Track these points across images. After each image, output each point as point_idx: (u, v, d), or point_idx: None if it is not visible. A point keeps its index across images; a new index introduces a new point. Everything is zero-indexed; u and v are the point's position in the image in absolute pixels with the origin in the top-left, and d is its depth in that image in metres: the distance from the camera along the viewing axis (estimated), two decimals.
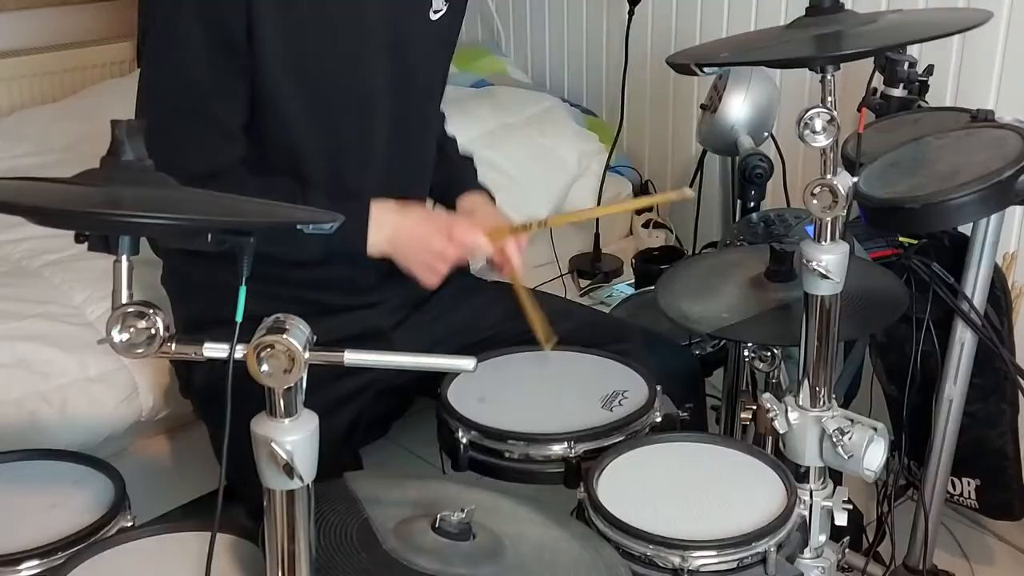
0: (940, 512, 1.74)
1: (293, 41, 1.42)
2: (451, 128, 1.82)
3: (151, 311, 0.82)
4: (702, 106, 2.17)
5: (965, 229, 1.60)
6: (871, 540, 1.82)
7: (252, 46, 1.39)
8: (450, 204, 1.67)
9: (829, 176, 1.20)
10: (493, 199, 1.71)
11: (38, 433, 1.67)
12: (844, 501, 1.34)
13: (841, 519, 1.34)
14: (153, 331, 0.82)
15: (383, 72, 1.51)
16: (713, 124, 2.06)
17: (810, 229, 1.24)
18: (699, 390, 1.69)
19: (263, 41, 1.39)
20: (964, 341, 1.61)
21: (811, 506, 1.33)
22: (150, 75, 1.44)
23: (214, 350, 0.84)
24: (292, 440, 0.83)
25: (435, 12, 1.54)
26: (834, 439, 1.27)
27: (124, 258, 0.81)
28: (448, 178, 1.71)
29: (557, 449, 1.31)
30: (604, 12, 2.88)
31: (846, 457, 1.27)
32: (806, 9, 1.26)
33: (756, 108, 2.04)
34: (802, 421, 1.31)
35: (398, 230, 1.47)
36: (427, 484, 1.20)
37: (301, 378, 0.83)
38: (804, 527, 1.27)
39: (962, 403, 1.66)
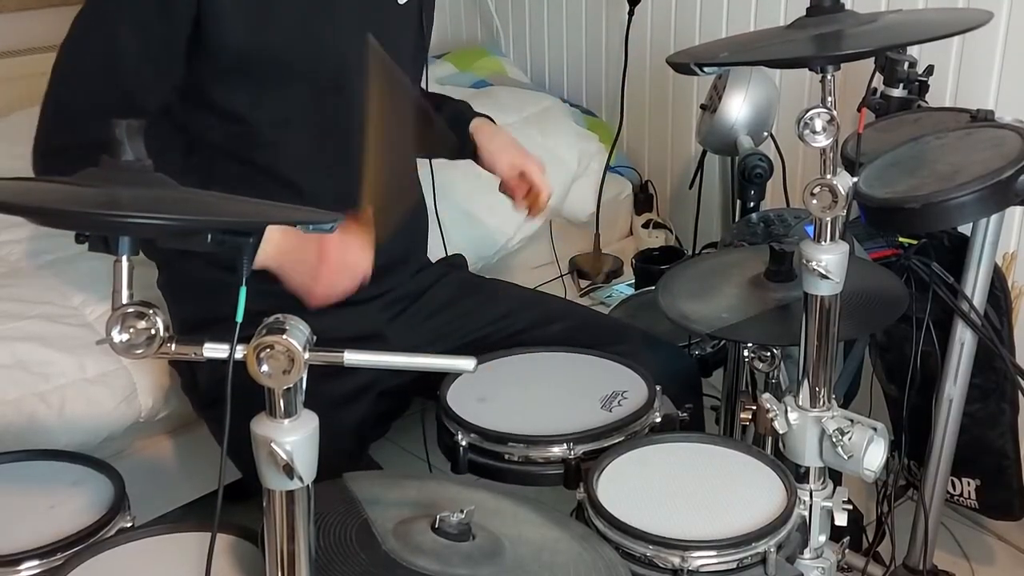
0: (940, 512, 1.74)
1: (258, 20, 1.41)
2: None
3: (151, 311, 0.82)
4: (702, 106, 2.17)
5: (965, 229, 1.60)
6: (871, 540, 1.82)
7: (207, 22, 1.38)
8: (460, 135, 1.68)
9: (829, 176, 1.20)
10: (494, 121, 1.74)
11: (37, 434, 1.67)
12: (844, 501, 1.34)
13: (841, 519, 1.34)
14: (153, 331, 0.82)
15: (355, 54, 1.51)
16: (713, 124, 2.06)
17: (810, 229, 1.24)
18: (696, 392, 1.69)
19: (222, 24, 1.38)
20: (964, 341, 1.61)
21: (811, 506, 1.33)
22: (76, 40, 1.41)
23: (214, 350, 0.84)
24: (292, 440, 0.83)
25: None
26: (834, 439, 1.27)
27: (124, 258, 0.81)
28: (448, 119, 1.72)
29: (557, 451, 1.31)
30: (604, 12, 2.87)
31: (846, 457, 1.27)
32: (806, 9, 1.26)
33: (756, 108, 2.04)
34: (802, 421, 1.31)
35: (282, 244, 1.38)
36: (426, 484, 1.21)
37: (301, 378, 0.83)
38: (804, 527, 1.27)
39: (962, 403, 1.66)
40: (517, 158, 1.66)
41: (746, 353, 1.53)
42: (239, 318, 0.83)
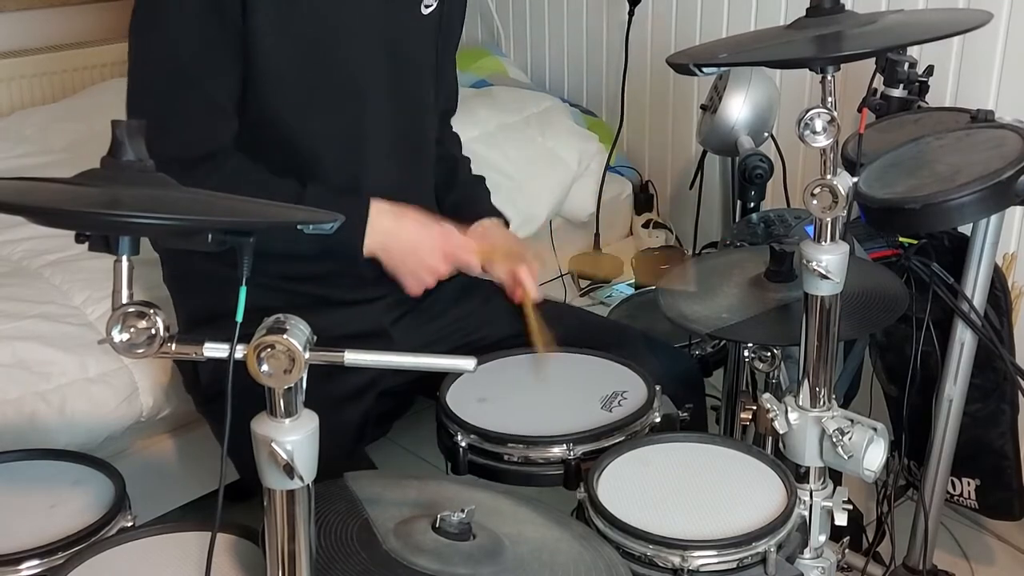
0: (940, 512, 1.74)
1: (288, 26, 1.42)
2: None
3: (151, 311, 0.83)
4: (702, 106, 2.17)
5: (965, 229, 1.60)
6: (871, 540, 1.82)
7: (246, 24, 1.39)
8: (464, 224, 1.64)
9: (829, 176, 1.20)
10: (507, 223, 1.70)
11: (38, 433, 1.67)
12: (844, 501, 1.34)
13: (841, 519, 1.34)
14: (153, 331, 0.83)
15: (378, 62, 1.51)
16: (713, 124, 2.06)
17: (810, 229, 1.24)
18: (699, 392, 1.69)
19: (257, 20, 1.39)
20: (964, 341, 1.61)
21: (811, 506, 1.33)
22: (138, 50, 1.43)
23: (214, 350, 0.84)
24: (292, 440, 0.83)
25: (426, 7, 1.56)
26: (834, 439, 1.27)
27: (124, 258, 0.82)
28: (462, 200, 1.71)
29: (556, 451, 1.31)
30: (604, 12, 2.88)
31: (846, 457, 1.27)
32: (806, 9, 1.26)
33: (756, 108, 2.04)
34: (802, 421, 1.31)
35: (392, 236, 1.46)
36: (427, 484, 1.20)
37: (301, 378, 0.83)
38: (804, 527, 1.27)
39: (962, 403, 1.66)
40: (513, 262, 1.60)
41: (746, 353, 1.53)
42: (239, 317, 0.83)
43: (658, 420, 1.39)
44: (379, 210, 1.46)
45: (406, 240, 1.47)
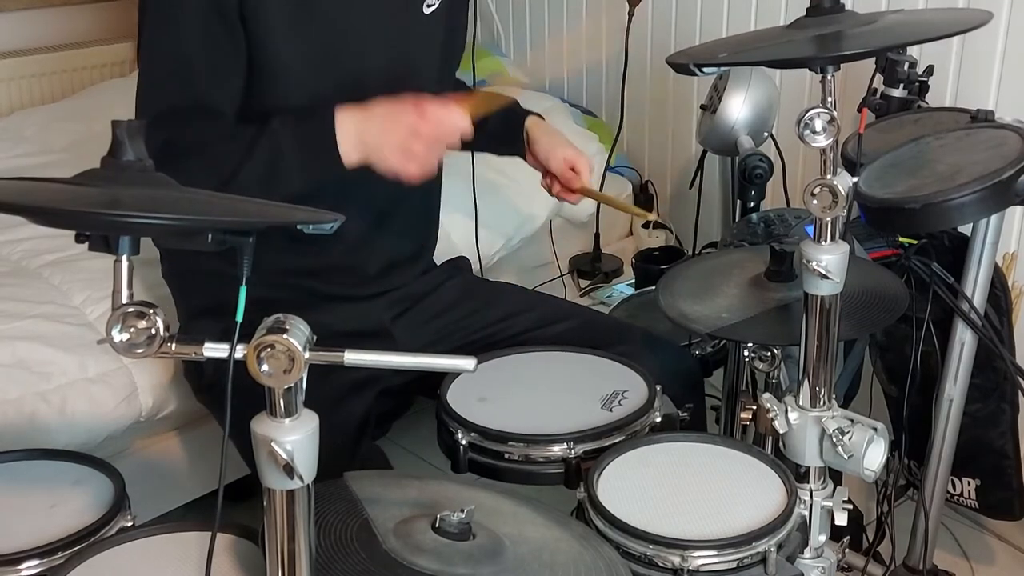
0: (940, 512, 1.74)
1: (298, 30, 1.42)
2: None
3: (151, 311, 0.83)
4: (702, 106, 2.17)
5: (965, 229, 1.60)
6: (871, 540, 1.82)
7: (255, 27, 1.39)
8: (514, 132, 1.72)
9: (829, 176, 1.20)
10: (543, 118, 1.77)
11: (38, 433, 1.67)
12: (844, 501, 1.34)
13: (841, 519, 1.34)
14: (153, 331, 0.83)
15: (379, 64, 1.51)
16: (713, 124, 2.06)
17: (810, 229, 1.24)
18: (699, 391, 1.70)
19: (267, 24, 1.39)
20: (964, 341, 1.61)
21: (811, 506, 1.33)
22: (143, 48, 1.44)
23: (214, 350, 0.84)
24: (292, 440, 0.83)
25: (428, 6, 1.55)
26: (834, 439, 1.27)
27: (124, 258, 0.82)
28: (502, 114, 1.73)
29: (557, 450, 1.31)
30: (604, 12, 2.88)
31: (846, 457, 1.27)
32: (806, 9, 1.26)
33: (756, 108, 2.04)
34: (802, 421, 1.31)
35: (363, 124, 1.38)
36: (427, 484, 1.21)
37: (301, 378, 0.83)
38: (804, 527, 1.27)
39: (962, 403, 1.66)
40: (570, 153, 1.69)
41: (746, 353, 1.53)
42: (239, 317, 0.83)
43: (658, 420, 1.39)
44: (343, 114, 1.38)
45: (377, 122, 1.38)
